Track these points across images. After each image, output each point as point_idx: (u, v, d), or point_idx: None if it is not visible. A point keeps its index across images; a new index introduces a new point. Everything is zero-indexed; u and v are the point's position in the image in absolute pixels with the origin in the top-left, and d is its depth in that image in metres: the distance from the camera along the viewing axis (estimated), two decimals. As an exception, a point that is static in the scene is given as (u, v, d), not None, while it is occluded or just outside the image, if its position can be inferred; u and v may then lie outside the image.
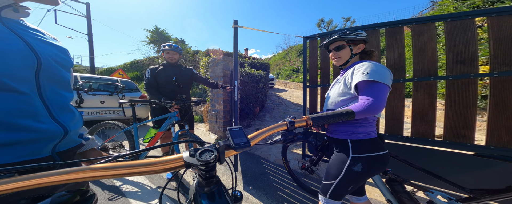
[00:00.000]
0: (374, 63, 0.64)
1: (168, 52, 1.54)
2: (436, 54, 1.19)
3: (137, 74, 10.97)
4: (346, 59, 0.74)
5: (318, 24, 15.54)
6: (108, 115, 2.91)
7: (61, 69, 0.44)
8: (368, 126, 0.68)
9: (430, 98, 1.18)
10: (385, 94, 0.61)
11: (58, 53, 0.44)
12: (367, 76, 0.61)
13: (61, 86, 0.44)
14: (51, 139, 0.40)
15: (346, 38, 0.72)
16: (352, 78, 0.66)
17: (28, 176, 0.19)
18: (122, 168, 0.23)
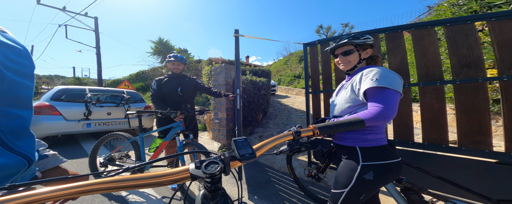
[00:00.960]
0: (383, 69, 0.63)
1: (173, 63, 1.60)
2: (439, 58, 1.19)
3: (142, 85, 11.28)
4: (354, 64, 0.73)
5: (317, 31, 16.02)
6: (115, 126, 2.96)
7: (16, 79, 0.31)
8: (377, 133, 0.66)
9: (439, 103, 1.16)
10: (396, 101, 0.59)
11: (13, 57, 0.30)
12: (376, 82, 0.59)
13: (17, 104, 0.32)
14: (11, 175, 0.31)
15: (355, 43, 0.70)
16: (360, 85, 0.64)
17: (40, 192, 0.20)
18: (130, 181, 0.23)
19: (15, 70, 0.31)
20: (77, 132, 2.63)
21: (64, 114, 2.55)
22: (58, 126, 2.47)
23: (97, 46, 7.29)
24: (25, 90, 0.33)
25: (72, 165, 1.99)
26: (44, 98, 2.60)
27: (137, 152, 1.41)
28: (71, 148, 2.61)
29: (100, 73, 7.23)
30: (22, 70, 0.32)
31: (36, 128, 2.35)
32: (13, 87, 0.31)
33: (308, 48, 1.87)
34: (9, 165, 0.30)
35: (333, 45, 0.77)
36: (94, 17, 7.33)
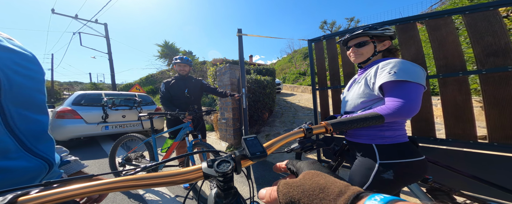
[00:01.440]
0: (402, 61, 0.57)
1: (180, 65, 1.64)
2: (460, 48, 1.09)
3: (152, 88, 11.79)
4: (367, 57, 0.67)
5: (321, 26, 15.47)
6: (129, 128, 3.14)
7: (30, 86, 0.32)
8: (396, 129, 0.60)
9: (463, 96, 1.06)
10: (418, 94, 0.53)
11: (21, 62, 0.32)
12: (394, 76, 0.54)
13: (33, 109, 0.33)
14: (32, 178, 0.32)
15: (371, 34, 0.65)
16: (375, 79, 0.59)
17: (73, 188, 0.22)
18: (148, 179, 0.24)
19: (25, 75, 0.32)
20: (97, 134, 2.84)
21: (85, 117, 2.76)
22: (81, 128, 2.68)
23: (109, 51, 7.70)
24: (38, 95, 0.34)
25: (95, 164, 2.16)
26: (66, 103, 2.83)
27: (150, 153, 1.49)
28: (93, 149, 2.82)
29: (113, 78, 7.65)
30: (32, 75, 0.33)
31: (62, 131, 2.57)
32: (25, 92, 0.32)
33: (313, 44, 1.82)
34: (31, 168, 0.31)
35: (346, 36, 0.71)
36: (104, 24, 7.73)
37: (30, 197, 0.20)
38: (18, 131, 0.31)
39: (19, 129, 0.31)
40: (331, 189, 0.16)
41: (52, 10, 6.94)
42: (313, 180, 0.18)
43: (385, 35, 0.66)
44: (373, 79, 0.61)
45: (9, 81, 0.29)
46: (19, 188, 0.21)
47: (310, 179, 0.18)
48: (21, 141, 0.31)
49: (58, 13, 7.02)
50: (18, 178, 0.30)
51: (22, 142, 0.31)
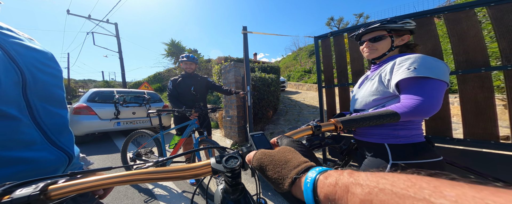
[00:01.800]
0: (423, 56, 0.52)
1: (186, 63, 1.67)
2: (483, 42, 1.01)
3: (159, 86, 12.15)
4: (383, 52, 0.63)
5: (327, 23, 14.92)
6: (139, 124, 3.29)
7: (51, 82, 0.35)
8: (412, 129, 0.57)
9: (484, 93, 0.99)
10: (440, 92, 0.49)
11: (43, 60, 0.34)
12: (414, 72, 0.49)
13: (55, 104, 0.35)
14: (54, 169, 0.33)
15: (389, 27, 0.60)
16: (391, 75, 0.55)
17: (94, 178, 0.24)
18: (160, 173, 0.25)
19: (46, 73, 0.34)
20: (110, 129, 3.00)
21: (99, 113, 2.92)
22: (95, 124, 2.84)
23: (119, 50, 8.00)
24: (58, 91, 0.37)
25: (108, 159, 2.30)
26: (82, 100, 3.01)
27: (159, 148, 1.55)
28: (106, 144, 2.99)
29: (124, 76, 7.98)
30: (52, 73, 0.36)
31: (79, 126, 2.75)
32: (48, 88, 0.34)
33: (319, 41, 1.76)
34: (53, 159, 0.33)
35: (361, 31, 0.67)
36: (115, 23, 8.01)
37: (59, 186, 0.22)
38: (43, 124, 0.32)
39: (44, 122, 0.33)
40: (292, 163, 0.20)
41: (68, 11, 7.30)
42: (284, 154, 0.22)
43: (404, 29, 0.60)
44: (388, 76, 0.57)
45: (34, 78, 0.32)
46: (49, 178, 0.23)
47: (282, 153, 0.22)
48: (46, 133, 0.33)
49: (73, 14, 7.37)
50: (41, 168, 0.31)
51: (46, 134, 0.33)
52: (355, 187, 0.13)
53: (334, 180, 0.15)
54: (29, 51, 0.33)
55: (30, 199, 0.19)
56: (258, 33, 1.78)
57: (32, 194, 0.20)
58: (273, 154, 0.22)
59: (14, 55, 0.30)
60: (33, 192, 0.20)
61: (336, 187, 0.14)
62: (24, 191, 0.20)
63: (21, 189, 0.20)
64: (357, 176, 0.14)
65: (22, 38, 0.33)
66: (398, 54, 0.63)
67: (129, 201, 1.35)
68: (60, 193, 0.22)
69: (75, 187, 0.22)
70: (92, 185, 0.23)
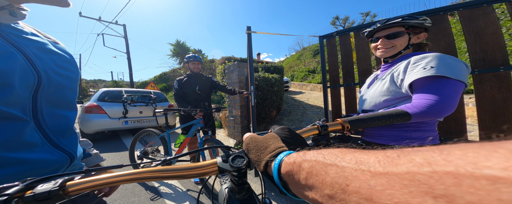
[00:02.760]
0: (440, 55, 0.49)
1: (193, 63, 1.70)
2: (502, 40, 0.96)
3: (165, 85, 12.44)
4: (399, 50, 0.59)
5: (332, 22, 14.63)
6: (146, 123, 3.38)
7: (66, 84, 0.36)
8: (426, 130, 0.54)
9: (502, 93, 0.95)
10: (458, 93, 0.46)
11: (62, 63, 0.35)
12: (431, 70, 0.46)
13: (63, 106, 0.36)
14: (54, 170, 0.34)
15: (408, 24, 0.56)
16: (404, 75, 0.52)
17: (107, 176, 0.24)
18: (167, 172, 0.26)
19: (63, 75, 0.35)
20: (118, 128, 3.11)
21: (108, 112, 3.03)
22: (105, 123, 2.96)
23: (127, 51, 8.26)
24: (70, 93, 0.37)
25: (117, 157, 2.38)
26: (93, 99, 3.14)
27: (165, 147, 1.59)
28: (115, 142, 3.10)
29: (131, 76, 8.23)
30: (69, 75, 0.37)
31: (90, 124, 2.87)
32: (60, 90, 0.35)
33: (324, 41, 1.74)
34: (54, 160, 0.33)
35: (376, 26, 0.62)
36: (123, 25, 8.28)
37: (76, 182, 0.23)
38: (46, 126, 0.33)
39: (47, 125, 0.33)
40: (270, 148, 0.22)
41: (80, 14, 7.63)
42: (266, 140, 0.24)
43: (423, 26, 0.57)
44: (401, 75, 0.54)
45: (49, 81, 0.33)
46: (66, 174, 0.24)
47: (266, 139, 0.25)
48: (48, 135, 0.33)
49: (85, 16, 7.70)
50: (41, 169, 0.32)
51: (48, 136, 0.33)
52: (304, 163, 0.16)
53: (293, 160, 0.18)
54: (49, 55, 0.34)
55: (51, 194, 0.20)
56: (262, 33, 1.78)
57: (52, 190, 0.21)
58: (258, 139, 0.25)
59: (34, 60, 0.31)
60: (53, 187, 0.21)
61: (293, 165, 0.17)
62: (45, 187, 0.21)
63: (42, 185, 0.22)
64: (307, 154, 0.17)
65: (45, 42, 0.35)
66: (412, 53, 0.60)
67: (136, 198, 1.39)
68: (77, 189, 0.23)
69: (91, 184, 0.23)
70: (105, 182, 0.24)
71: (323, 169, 0.14)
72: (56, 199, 0.21)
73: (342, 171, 0.12)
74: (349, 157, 0.13)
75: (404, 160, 0.10)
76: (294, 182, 0.17)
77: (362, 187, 0.11)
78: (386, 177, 0.10)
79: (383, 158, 0.11)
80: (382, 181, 0.10)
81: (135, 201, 1.34)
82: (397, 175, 0.09)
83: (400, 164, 0.10)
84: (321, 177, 0.14)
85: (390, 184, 0.09)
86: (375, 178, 0.10)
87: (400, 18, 0.58)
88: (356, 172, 0.11)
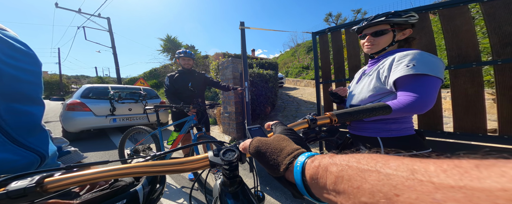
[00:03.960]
0: (421, 52, 0.53)
1: (184, 59, 1.64)
2: (475, 37, 1.04)
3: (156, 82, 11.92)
4: (383, 47, 0.63)
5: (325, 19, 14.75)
6: (136, 121, 3.25)
7: (21, 77, 0.31)
8: (403, 122, 0.59)
9: (475, 87, 1.03)
10: (436, 90, 0.51)
11: (11, 53, 0.31)
12: (413, 69, 0.50)
13: (23, 101, 0.32)
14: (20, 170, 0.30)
15: (392, 22, 0.59)
16: (389, 72, 0.56)
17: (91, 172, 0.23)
18: (158, 166, 0.25)
19: (15, 66, 0.30)
20: (106, 126, 2.95)
21: (93, 110, 2.86)
22: (90, 121, 2.79)
23: (113, 46, 7.73)
24: (30, 86, 0.33)
25: (105, 156, 2.28)
26: (75, 96, 2.93)
27: (157, 145, 1.55)
28: (103, 141, 2.96)
29: (118, 72, 7.77)
30: (22, 66, 0.32)
31: (73, 122, 2.69)
32: (15, 83, 0.31)
33: (317, 37, 1.76)
34: (18, 160, 0.30)
35: (363, 23, 0.65)
36: (107, 18, 7.68)
37: (55, 178, 0.22)
38: (4, 123, 0.30)
39: (5, 121, 0.30)
40: (286, 150, 0.22)
41: (56, 4, 6.91)
42: (279, 142, 0.24)
43: (408, 23, 0.60)
44: (386, 72, 0.57)
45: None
46: (45, 171, 0.23)
47: (277, 141, 0.24)
48: (7, 133, 0.30)
49: (62, 7, 7.00)
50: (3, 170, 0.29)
51: (8, 134, 0.30)
52: (332, 166, 0.15)
53: (318, 163, 0.17)
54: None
55: (26, 191, 0.19)
56: (256, 28, 1.75)
57: (27, 187, 0.20)
58: (269, 142, 0.24)
59: None
60: (28, 184, 0.20)
61: (319, 168, 0.16)
62: (20, 184, 0.20)
63: (16, 182, 0.20)
64: (334, 158, 0.16)
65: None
66: (397, 49, 0.63)
67: None
68: (57, 186, 0.22)
69: (72, 180, 0.22)
70: (89, 178, 0.23)
71: (358, 174, 0.13)
72: (33, 196, 0.20)
73: (388, 178, 0.11)
74: (395, 164, 0.12)
75: (489, 172, 0.08)
76: (318, 186, 0.16)
77: (422, 200, 0.09)
78: (462, 192, 0.08)
79: (450, 168, 0.09)
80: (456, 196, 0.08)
81: None
82: (484, 192, 0.08)
83: (485, 178, 0.08)
84: (356, 183, 0.13)
85: (470, 200, 0.08)
86: (443, 192, 0.09)
87: (384, 17, 0.61)
88: (411, 181, 0.10)
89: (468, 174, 0.09)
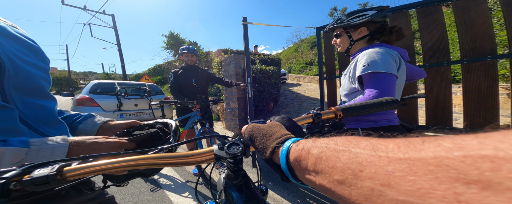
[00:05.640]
0: (374, 51, 0.59)
1: (187, 55, 1.65)
2: (492, 30, 0.99)
3: (160, 78, 12.09)
4: (346, 47, 0.72)
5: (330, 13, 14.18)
6: (142, 116, 3.34)
7: (34, 72, 0.33)
8: (381, 114, 0.63)
9: (488, 82, 1.00)
10: (391, 84, 0.56)
11: (24, 50, 0.33)
12: (367, 68, 0.57)
13: (38, 95, 0.34)
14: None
15: (341, 26, 0.69)
16: (354, 71, 0.62)
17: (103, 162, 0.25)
18: (166, 159, 0.27)
19: (28, 62, 0.32)
20: (113, 121, 3.05)
21: (102, 105, 2.96)
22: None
23: (118, 42, 7.83)
24: (41, 81, 0.35)
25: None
26: (84, 92, 3.03)
27: (163, 139, 1.60)
28: (111, 134, 3.08)
29: (124, 68, 7.91)
30: (35, 63, 0.34)
31: (83, 117, 2.79)
32: (30, 78, 0.32)
33: (321, 32, 1.71)
34: None
35: (326, 29, 0.76)
36: (111, 15, 7.73)
37: (73, 168, 0.23)
38: (23, 115, 0.31)
39: (23, 113, 0.32)
40: (276, 135, 0.23)
41: (62, 1, 7.00)
42: (271, 128, 0.25)
43: (355, 24, 0.66)
44: (352, 72, 0.64)
45: (15, 68, 0.30)
46: (63, 160, 0.25)
47: (270, 127, 0.25)
48: (28, 124, 0.32)
49: (68, 5, 7.09)
50: None
51: (30, 125, 0.32)
52: (314, 149, 0.16)
53: (301, 146, 0.18)
54: (9, 39, 0.31)
55: (48, 178, 0.21)
56: (259, 24, 1.72)
57: (49, 174, 0.21)
58: (262, 127, 0.25)
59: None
60: (50, 172, 0.21)
61: (302, 151, 0.17)
62: (42, 171, 0.21)
63: (39, 169, 0.22)
64: (316, 141, 0.17)
65: (3, 25, 0.32)
66: (366, 47, 0.67)
67: (135, 190, 1.42)
68: (74, 174, 0.23)
69: (88, 169, 0.24)
70: (103, 168, 0.24)
71: (334, 154, 0.14)
72: (54, 183, 0.21)
73: (356, 156, 0.12)
74: (364, 143, 0.13)
75: (430, 145, 0.09)
76: (301, 168, 0.17)
77: (378, 173, 0.10)
78: (407, 162, 0.09)
79: (404, 144, 0.10)
80: (402, 167, 0.09)
81: (135, 193, 1.38)
82: (421, 160, 0.09)
83: (425, 149, 0.09)
84: (331, 162, 0.13)
85: (412, 170, 0.09)
86: (393, 164, 0.10)
87: (332, 23, 0.71)
88: (372, 157, 0.11)
89: (413, 147, 0.10)
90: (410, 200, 0.08)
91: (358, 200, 0.11)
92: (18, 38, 0.33)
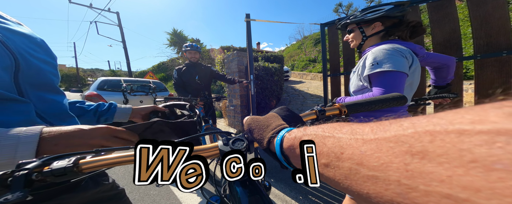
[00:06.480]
0: (383, 49, 0.57)
1: (190, 52, 1.67)
2: (509, 24, 0.94)
3: (164, 75, 12.24)
4: (358, 43, 0.71)
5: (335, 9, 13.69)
6: (146, 112, 3.42)
7: (45, 68, 0.34)
8: (390, 110, 0.62)
9: (502, 78, 0.97)
10: (400, 82, 0.54)
11: (33, 46, 0.34)
12: (375, 67, 0.56)
13: (49, 90, 0.35)
14: None
15: (355, 22, 0.68)
16: (363, 69, 0.61)
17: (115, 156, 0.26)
18: None
19: (38, 58, 0.33)
20: (121, 117, 3.15)
21: (109, 101, 3.05)
22: (106, 112, 3.00)
23: (123, 40, 7.94)
24: (51, 77, 0.36)
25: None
26: (92, 88, 3.13)
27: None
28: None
29: (129, 65, 8.05)
30: (44, 59, 0.35)
31: (91, 113, 2.90)
32: (42, 74, 0.33)
33: (326, 29, 1.67)
34: None
35: (338, 25, 0.76)
36: (116, 12, 7.80)
37: (89, 160, 0.25)
38: (39, 110, 0.32)
39: (38, 108, 0.32)
40: (272, 126, 0.24)
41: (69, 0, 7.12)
42: (268, 119, 0.26)
43: (368, 20, 0.64)
44: (361, 70, 0.63)
45: (27, 63, 0.31)
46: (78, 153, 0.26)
47: (267, 118, 0.26)
48: (44, 118, 0.33)
49: (74, 3, 7.20)
50: None
51: (44, 119, 0.33)
52: (304, 137, 0.17)
53: (293, 135, 0.19)
54: (18, 36, 0.32)
55: (66, 170, 0.22)
56: (262, 21, 1.69)
57: (67, 166, 0.22)
58: (260, 119, 0.27)
59: (4, 41, 0.29)
60: (67, 164, 0.23)
61: (294, 140, 0.18)
62: (60, 163, 0.23)
63: (57, 161, 0.23)
64: (307, 129, 0.18)
65: (11, 23, 0.33)
66: (379, 43, 0.65)
67: (142, 186, 1.49)
68: (90, 167, 0.24)
69: (103, 162, 0.25)
70: (116, 161, 0.25)
71: (321, 141, 0.15)
72: (71, 175, 0.23)
73: (338, 141, 0.13)
74: (346, 129, 0.14)
75: (394, 125, 0.11)
76: (295, 156, 0.18)
77: (354, 153, 0.11)
78: (375, 142, 0.11)
79: (376, 126, 0.12)
80: (372, 146, 0.10)
81: (141, 188, 1.43)
82: (385, 139, 0.10)
83: (390, 129, 0.10)
84: (318, 148, 0.15)
85: (378, 148, 0.10)
86: (366, 144, 0.11)
87: (347, 19, 0.70)
88: (350, 140, 0.12)
89: (382, 128, 0.11)
90: (376, 174, 0.09)
91: (340, 180, 0.12)
92: (26, 35, 0.34)
